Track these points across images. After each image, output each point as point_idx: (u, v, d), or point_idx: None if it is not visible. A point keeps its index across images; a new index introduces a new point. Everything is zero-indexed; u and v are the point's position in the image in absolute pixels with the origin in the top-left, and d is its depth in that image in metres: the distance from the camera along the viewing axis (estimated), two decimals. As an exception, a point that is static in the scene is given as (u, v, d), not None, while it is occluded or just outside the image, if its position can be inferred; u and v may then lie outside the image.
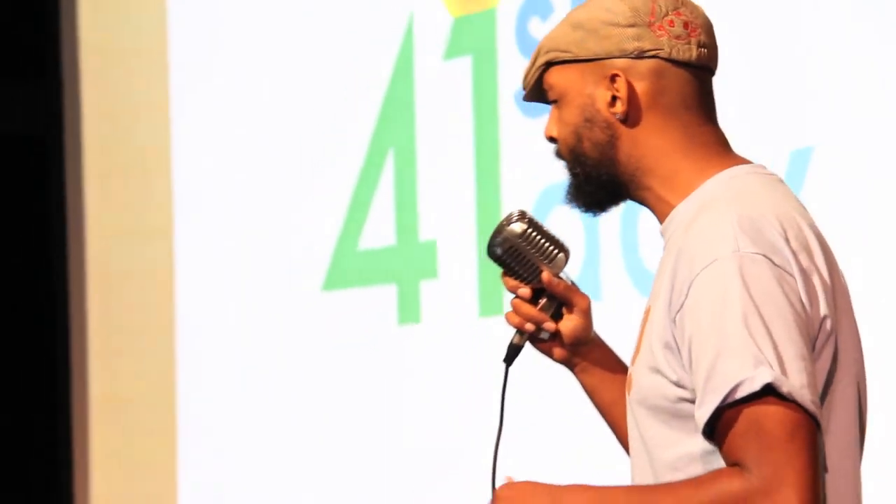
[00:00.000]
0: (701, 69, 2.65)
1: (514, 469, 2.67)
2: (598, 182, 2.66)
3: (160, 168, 7.63)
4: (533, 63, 2.72)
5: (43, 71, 8.41)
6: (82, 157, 7.97)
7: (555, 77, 2.66)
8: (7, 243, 9.00)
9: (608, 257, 5.73)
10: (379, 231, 6.56)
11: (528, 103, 5.50)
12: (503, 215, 5.50)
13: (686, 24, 2.67)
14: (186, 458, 7.60)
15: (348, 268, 6.72)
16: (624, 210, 2.86)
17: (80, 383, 8.28)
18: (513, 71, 6.05)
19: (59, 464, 8.64)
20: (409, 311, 6.45)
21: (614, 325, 2.97)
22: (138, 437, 7.92)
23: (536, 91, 2.70)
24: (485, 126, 6.19)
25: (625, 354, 2.77)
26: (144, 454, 7.89)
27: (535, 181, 5.95)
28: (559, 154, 2.72)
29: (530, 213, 2.90)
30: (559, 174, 5.28)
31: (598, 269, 5.56)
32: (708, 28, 2.67)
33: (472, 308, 6.23)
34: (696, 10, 2.68)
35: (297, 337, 6.99)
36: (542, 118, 5.38)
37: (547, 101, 2.74)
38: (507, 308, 5.81)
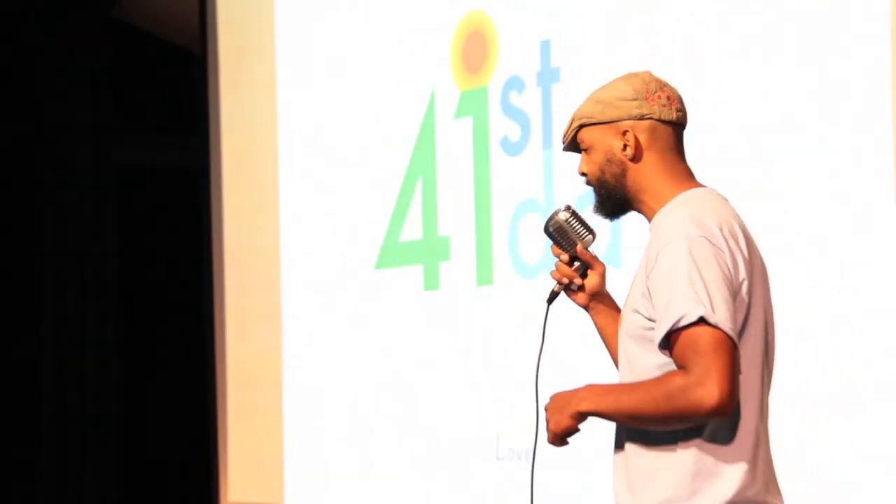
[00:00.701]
0: (678, 125, 3.08)
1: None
2: (614, 199, 3.08)
3: (271, 191, 7.85)
4: (569, 126, 3.11)
5: (197, 125, 8.50)
6: (222, 183, 8.24)
7: (585, 134, 3.07)
8: (169, 237, 9.37)
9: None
10: (411, 230, 6.86)
11: (509, 146, 6.18)
12: (493, 221, 6.30)
13: (668, 98, 3.06)
14: (290, 381, 7.73)
15: (391, 254, 6.98)
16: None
17: (221, 344, 8.30)
18: (499, 126, 6.32)
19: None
20: (431, 282, 6.70)
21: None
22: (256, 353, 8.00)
23: (572, 144, 3.13)
24: (480, 160, 6.45)
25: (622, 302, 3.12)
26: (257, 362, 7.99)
27: (513, 196, 6.27)
28: (588, 183, 3.10)
29: (574, 207, 3.24)
30: (531, 193, 6.04)
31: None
32: (681, 99, 3.09)
33: (471, 280, 6.48)
34: (673, 89, 3.06)
35: (360, 298, 7.19)
36: (517, 156, 6.06)
37: (578, 150, 3.12)
38: (500, 282, 6.24)
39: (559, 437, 2.92)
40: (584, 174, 3.09)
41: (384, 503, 7.02)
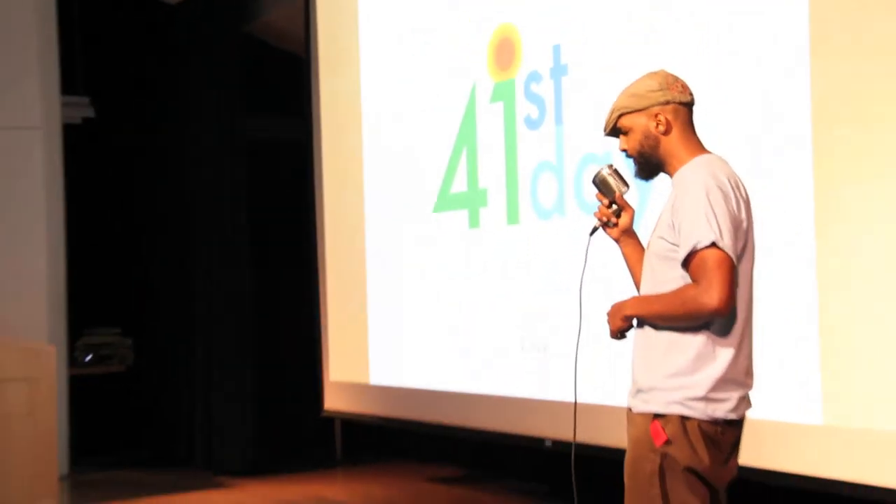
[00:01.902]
0: (690, 106, 3.06)
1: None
2: (651, 165, 3.06)
3: (357, 157, 7.73)
4: (611, 116, 3.07)
5: (303, 106, 8.42)
6: (322, 152, 8.16)
7: (624, 121, 3.04)
8: (284, 191, 9.25)
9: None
10: (459, 184, 6.82)
11: (531, 122, 6.24)
12: (519, 178, 6.33)
13: (682, 86, 3.05)
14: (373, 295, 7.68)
15: (444, 202, 6.94)
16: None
17: (323, 266, 8.27)
18: (523, 108, 6.25)
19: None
20: (473, 221, 6.65)
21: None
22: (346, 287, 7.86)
23: (613, 130, 3.09)
24: (509, 133, 6.38)
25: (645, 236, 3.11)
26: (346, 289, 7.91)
27: (533, 159, 6.18)
28: (629, 156, 3.09)
29: (615, 166, 3.22)
30: (546, 156, 6.11)
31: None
32: (689, 87, 3.08)
33: (503, 220, 6.41)
34: (683, 80, 3.06)
35: (422, 233, 7.13)
36: (536, 130, 6.15)
37: (616, 135, 3.09)
38: (524, 221, 6.15)
39: (618, 333, 3.00)
40: (624, 150, 3.08)
41: (436, 379, 6.98)
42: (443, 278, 7.01)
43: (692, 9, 5.29)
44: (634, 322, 3.00)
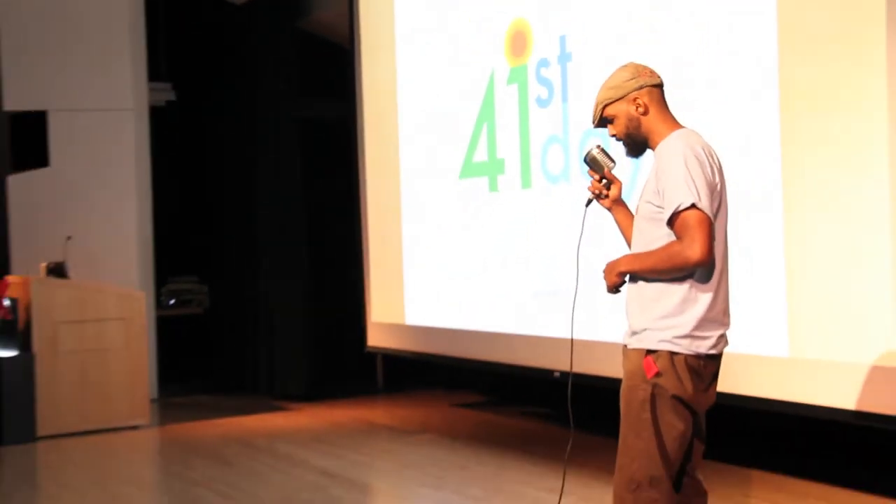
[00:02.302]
0: (660, 86, 2.98)
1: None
2: (637, 144, 2.97)
3: (393, 134, 7.62)
4: (596, 109, 3.00)
5: (348, 88, 8.31)
6: (364, 132, 8.08)
7: (609, 110, 2.96)
8: (332, 163, 9.12)
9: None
10: (480, 154, 6.74)
11: (541, 102, 6.15)
12: (531, 149, 6.33)
13: (650, 71, 2.98)
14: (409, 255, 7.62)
15: (469, 169, 6.86)
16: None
17: (365, 220, 8.15)
18: (534, 89, 6.21)
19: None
20: (493, 186, 6.60)
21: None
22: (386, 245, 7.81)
23: (600, 120, 3.01)
24: (523, 111, 6.30)
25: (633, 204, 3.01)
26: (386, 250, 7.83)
27: (543, 133, 6.12)
28: (618, 139, 3.00)
29: (602, 145, 3.13)
30: (554, 131, 6.05)
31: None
32: (655, 71, 3.01)
33: (518, 185, 6.36)
34: (649, 66, 3.01)
35: (450, 196, 7.05)
36: (546, 108, 6.07)
37: (603, 125, 3.01)
38: (535, 186, 6.16)
39: (613, 288, 2.94)
40: (613, 135, 3.00)
41: (462, 319, 6.93)
42: (467, 234, 6.97)
43: (680, 6, 5.24)
44: (627, 277, 2.94)
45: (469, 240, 6.94)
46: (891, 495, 4.70)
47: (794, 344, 4.59)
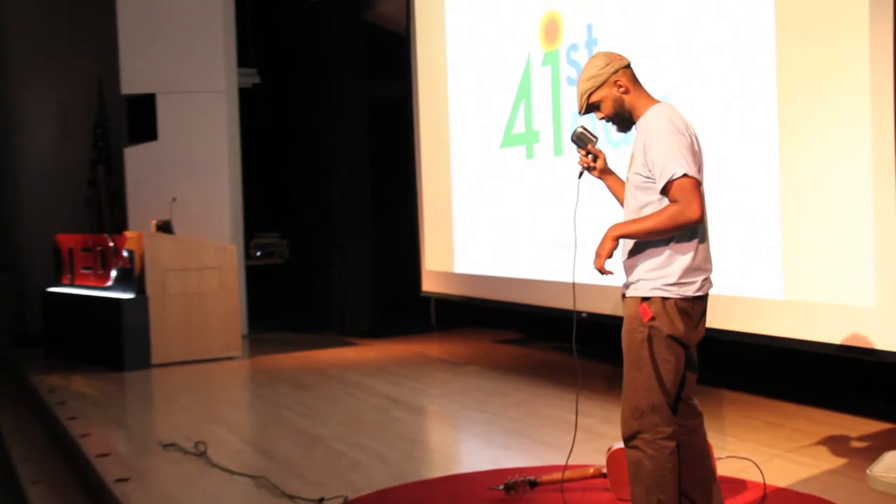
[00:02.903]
0: (630, 66, 2.85)
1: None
2: (624, 120, 2.83)
3: (444, 109, 7.56)
4: (581, 99, 2.86)
5: (406, 71, 8.21)
6: (419, 108, 7.98)
7: (593, 97, 2.83)
8: (394, 134, 9.00)
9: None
10: (518, 126, 6.66)
11: (571, 81, 6.06)
12: (562, 122, 6.29)
13: (619, 56, 2.84)
14: (458, 216, 7.60)
15: (508, 139, 6.78)
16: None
17: (420, 181, 8.06)
18: (565, 70, 6.13)
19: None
20: (529, 154, 6.52)
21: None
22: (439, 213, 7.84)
23: (586, 108, 2.87)
24: (555, 89, 6.22)
25: (621, 171, 2.92)
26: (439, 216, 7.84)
27: (573, 107, 6.00)
28: (608, 120, 2.86)
29: (586, 125, 3.04)
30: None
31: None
32: (620, 53, 2.89)
33: (550, 151, 6.28)
34: (614, 51, 2.91)
35: (492, 163, 6.97)
36: (575, 87, 6.03)
37: (589, 112, 2.88)
38: (566, 153, 6.09)
39: (605, 259, 2.75)
40: (603, 118, 2.87)
41: (502, 268, 6.90)
42: (507, 195, 6.91)
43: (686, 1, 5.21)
44: (620, 242, 2.82)
45: (509, 200, 6.88)
46: (867, 415, 4.68)
47: (788, 287, 4.54)
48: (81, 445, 4.79)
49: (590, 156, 3.01)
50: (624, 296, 2.87)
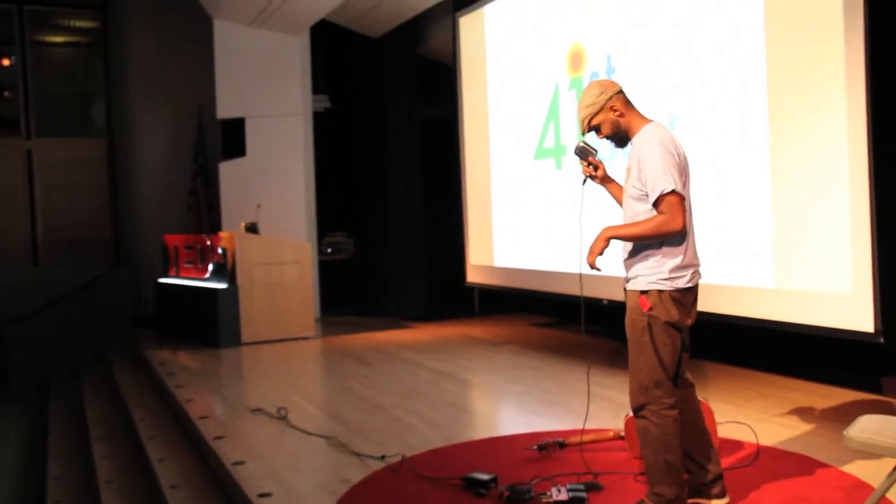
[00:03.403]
0: (622, 91, 2.80)
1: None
2: (621, 138, 2.79)
3: (484, 129, 7.44)
4: (582, 123, 2.82)
5: (452, 95, 8.16)
6: (464, 127, 7.91)
7: (594, 121, 2.80)
8: (441, 152, 8.89)
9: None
10: (549, 142, 6.60)
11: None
12: (583, 136, 6.23)
13: (611, 83, 2.79)
14: (497, 209, 7.54)
15: (540, 153, 6.71)
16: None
17: (465, 198, 8.02)
18: None
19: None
20: (559, 165, 6.45)
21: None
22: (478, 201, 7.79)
23: (588, 130, 2.83)
24: None
25: (619, 177, 2.93)
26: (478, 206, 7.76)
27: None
28: (609, 139, 2.82)
29: (584, 140, 2.95)
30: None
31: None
32: (613, 81, 2.82)
33: (577, 164, 6.11)
34: (608, 79, 3.03)
35: (527, 172, 6.89)
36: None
37: (591, 130, 2.83)
38: (577, 165, 5.97)
39: (595, 256, 2.73)
40: (605, 137, 2.82)
41: (536, 262, 6.85)
42: (539, 201, 6.85)
43: (691, 32, 5.09)
44: (622, 245, 2.78)
45: (541, 205, 6.83)
46: (845, 386, 4.66)
47: (779, 277, 4.49)
48: (187, 409, 4.87)
49: (591, 166, 2.96)
50: (625, 289, 2.84)
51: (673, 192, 2.61)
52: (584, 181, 3.00)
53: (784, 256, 4.45)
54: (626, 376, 3.89)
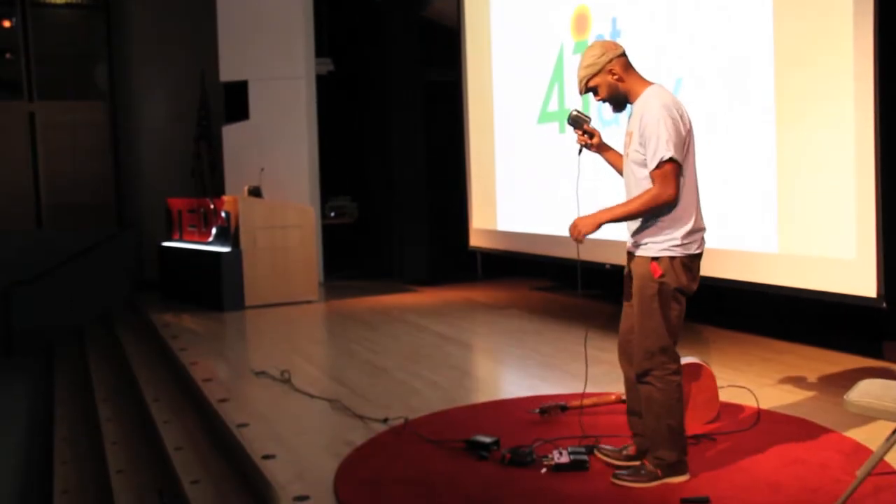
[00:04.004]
0: (625, 54, 2.76)
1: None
2: (619, 101, 2.77)
3: (488, 92, 7.49)
4: (580, 84, 2.80)
5: (456, 59, 8.15)
6: (468, 90, 7.93)
7: (590, 83, 2.77)
8: (445, 114, 8.83)
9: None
10: (552, 105, 6.59)
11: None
12: (590, 104, 6.09)
13: (614, 45, 2.76)
14: (500, 180, 7.57)
15: (544, 117, 6.70)
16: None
17: (468, 162, 8.06)
18: None
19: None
20: (561, 129, 6.40)
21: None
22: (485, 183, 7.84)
23: (585, 91, 2.80)
24: None
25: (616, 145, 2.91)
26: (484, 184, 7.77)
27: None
28: (603, 100, 2.78)
29: (577, 109, 2.95)
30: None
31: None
32: (617, 42, 2.81)
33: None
34: (610, 40, 2.99)
35: (530, 137, 6.88)
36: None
37: (589, 91, 2.80)
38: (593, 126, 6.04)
39: (583, 236, 2.73)
40: (601, 99, 2.78)
41: (537, 226, 6.87)
42: (542, 165, 6.83)
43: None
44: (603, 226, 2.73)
45: (543, 169, 6.81)
46: (846, 351, 4.66)
47: (782, 242, 4.48)
48: (190, 371, 4.88)
49: (586, 134, 2.91)
50: (631, 253, 2.82)
51: (670, 160, 2.59)
52: (580, 150, 2.96)
53: (788, 221, 4.45)
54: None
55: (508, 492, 2.75)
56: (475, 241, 8.01)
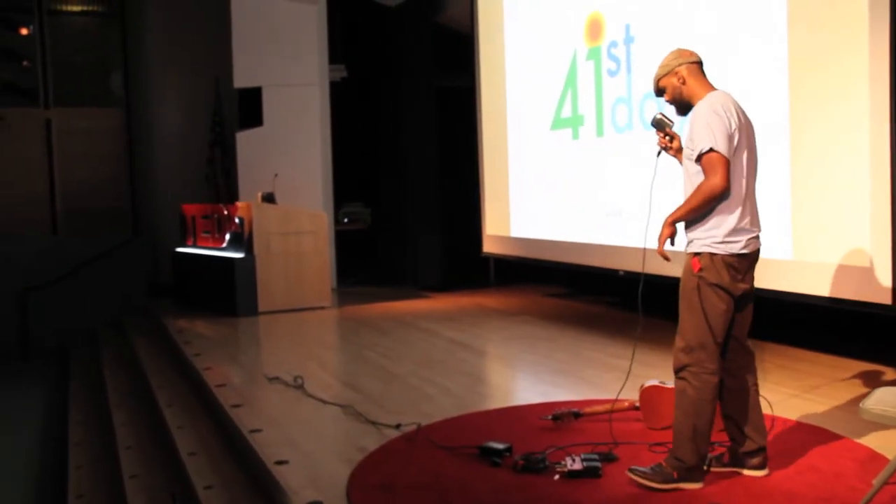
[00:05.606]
0: (698, 62, 2.84)
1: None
2: (682, 104, 2.84)
3: (502, 97, 7.47)
4: (654, 82, 2.89)
5: (470, 65, 8.16)
6: (482, 96, 7.94)
7: (661, 83, 2.87)
8: (458, 119, 8.86)
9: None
10: (566, 111, 6.57)
11: (611, 73, 5.97)
12: (603, 107, 6.23)
13: (690, 53, 2.84)
14: (514, 183, 7.51)
15: (557, 123, 6.68)
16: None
17: (481, 168, 8.04)
18: (606, 64, 5.99)
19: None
20: (575, 135, 6.43)
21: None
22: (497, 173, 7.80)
23: (656, 91, 2.89)
24: (598, 80, 6.10)
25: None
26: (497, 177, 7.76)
27: (612, 95, 5.93)
28: (671, 103, 2.86)
29: (662, 111, 2.98)
30: (621, 94, 5.86)
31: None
32: (694, 51, 2.86)
33: (593, 133, 6.16)
34: (690, 48, 2.86)
35: (544, 142, 6.88)
36: (614, 77, 5.89)
37: (659, 92, 2.89)
38: (606, 134, 6.04)
39: (663, 243, 2.75)
40: (668, 101, 2.88)
41: (551, 233, 6.86)
42: (555, 171, 6.83)
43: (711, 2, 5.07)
44: (678, 226, 2.79)
45: (557, 175, 6.80)
46: (861, 358, 4.64)
47: (797, 249, 4.47)
48: (204, 377, 4.90)
49: (667, 137, 2.97)
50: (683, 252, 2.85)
51: (710, 150, 2.63)
52: (659, 153, 3.01)
53: (802, 228, 4.44)
54: (643, 348, 3.87)
55: (521, 498, 2.75)
56: (488, 247, 7.99)
